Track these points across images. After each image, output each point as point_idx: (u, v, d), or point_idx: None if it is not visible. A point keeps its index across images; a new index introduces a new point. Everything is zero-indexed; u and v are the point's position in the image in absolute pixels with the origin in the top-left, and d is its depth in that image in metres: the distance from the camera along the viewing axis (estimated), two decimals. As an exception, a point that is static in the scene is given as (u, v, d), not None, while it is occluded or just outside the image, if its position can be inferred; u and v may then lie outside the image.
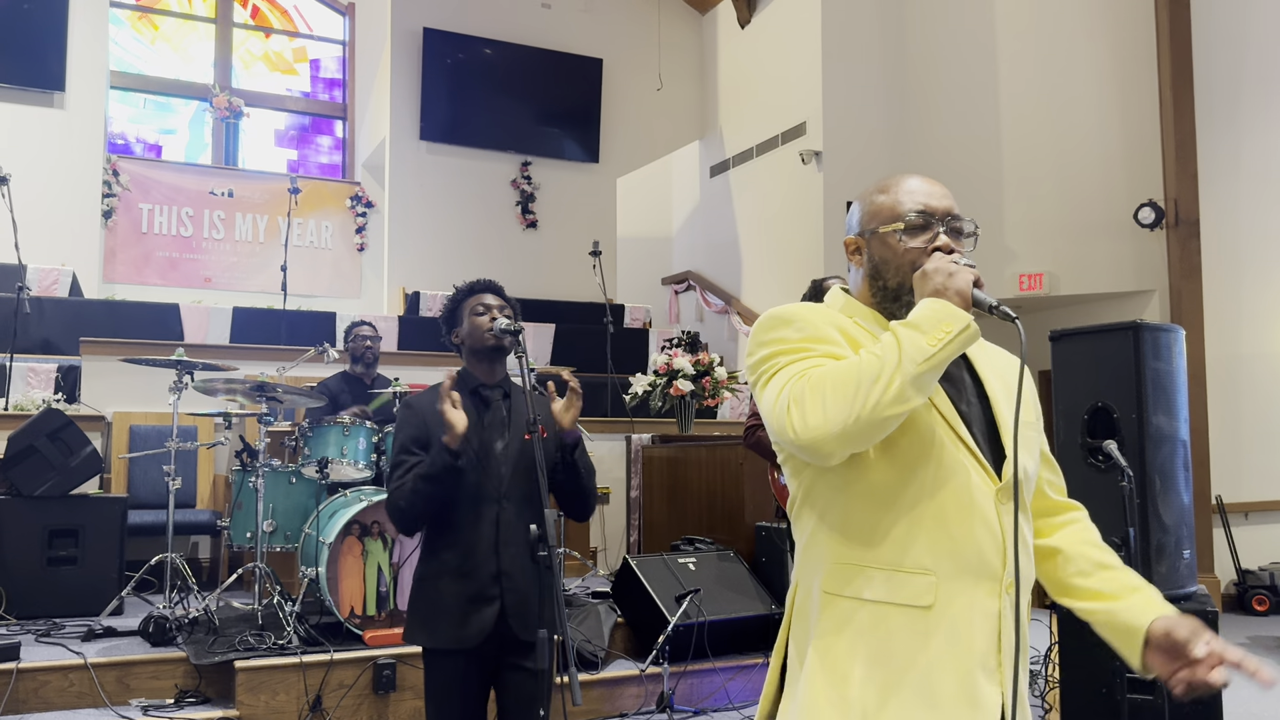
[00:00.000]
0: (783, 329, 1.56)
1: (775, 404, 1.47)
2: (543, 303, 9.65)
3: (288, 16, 11.01)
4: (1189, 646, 1.46)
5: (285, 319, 7.97)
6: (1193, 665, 1.46)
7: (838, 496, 1.53)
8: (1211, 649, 1.45)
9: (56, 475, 5.05)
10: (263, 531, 4.68)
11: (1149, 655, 1.52)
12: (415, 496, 2.52)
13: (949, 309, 1.43)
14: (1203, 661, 1.45)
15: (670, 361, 6.79)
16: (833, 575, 1.52)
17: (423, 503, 2.52)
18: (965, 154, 8.69)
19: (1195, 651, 1.45)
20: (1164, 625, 1.51)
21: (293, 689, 4.12)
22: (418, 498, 2.52)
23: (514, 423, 2.68)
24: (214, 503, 6.52)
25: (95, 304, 7.78)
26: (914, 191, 1.59)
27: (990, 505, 1.49)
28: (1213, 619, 3.51)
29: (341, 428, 4.86)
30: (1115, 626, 1.57)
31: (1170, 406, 3.72)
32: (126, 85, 10.12)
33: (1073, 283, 8.29)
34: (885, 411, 1.39)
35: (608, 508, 7.20)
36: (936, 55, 8.93)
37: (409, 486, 2.53)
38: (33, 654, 4.18)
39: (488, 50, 10.10)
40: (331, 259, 10.59)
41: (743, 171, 10.27)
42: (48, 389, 6.62)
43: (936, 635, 1.44)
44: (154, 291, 9.40)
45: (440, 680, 2.58)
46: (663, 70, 10.94)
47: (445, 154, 9.96)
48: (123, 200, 9.65)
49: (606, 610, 4.99)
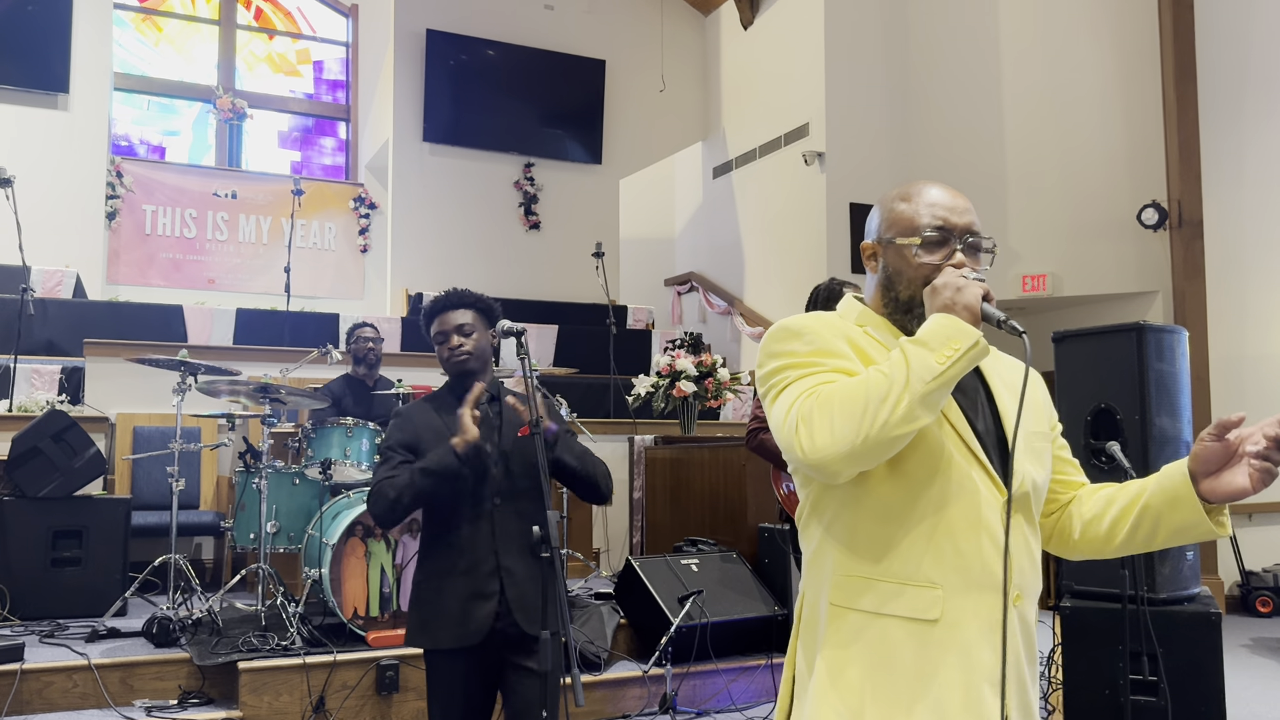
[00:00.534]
0: (793, 342, 1.55)
1: (784, 422, 1.47)
2: (545, 304, 9.66)
3: (291, 18, 11.03)
4: (1225, 433, 1.46)
5: (288, 320, 7.98)
6: (1235, 453, 1.46)
7: (845, 510, 1.53)
8: (1241, 430, 1.46)
9: (60, 476, 5.06)
10: (266, 533, 4.68)
11: (1208, 485, 1.49)
12: (410, 489, 2.52)
13: (957, 325, 1.42)
14: (1245, 439, 1.45)
15: (673, 363, 6.79)
16: (840, 588, 1.52)
17: (414, 496, 2.52)
18: (968, 155, 8.69)
19: (1232, 436, 1.46)
20: (1195, 451, 1.49)
21: (296, 690, 4.13)
22: (412, 491, 2.52)
23: (503, 424, 2.68)
24: (217, 504, 6.53)
25: (99, 305, 7.80)
26: (935, 204, 1.56)
27: (997, 518, 1.48)
28: (1216, 621, 3.51)
29: (344, 429, 4.87)
30: (1165, 508, 1.53)
31: (1173, 408, 3.72)
32: (130, 87, 10.13)
33: (1076, 284, 8.29)
34: (894, 431, 1.38)
35: (610, 509, 7.20)
36: (939, 56, 8.93)
37: (404, 479, 2.53)
38: (37, 655, 4.18)
39: (491, 52, 10.11)
40: (335, 260, 10.60)
41: (745, 172, 10.27)
42: (51, 390, 6.63)
43: (943, 649, 1.44)
44: (157, 293, 9.42)
45: (442, 681, 2.59)
46: (665, 71, 10.95)
47: (448, 155, 9.97)
48: (126, 202, 9.67)
49: (609, 611, 5.00)
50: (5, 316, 6.95)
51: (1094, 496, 1.65)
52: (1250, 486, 1.45)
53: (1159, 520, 1.54)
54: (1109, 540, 1.61)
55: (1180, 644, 3.50)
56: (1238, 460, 1.47)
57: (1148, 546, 1.58)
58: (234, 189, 10.17)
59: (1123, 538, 1.59)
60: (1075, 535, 1.66)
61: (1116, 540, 1.60)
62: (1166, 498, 1.52)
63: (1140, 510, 1.56)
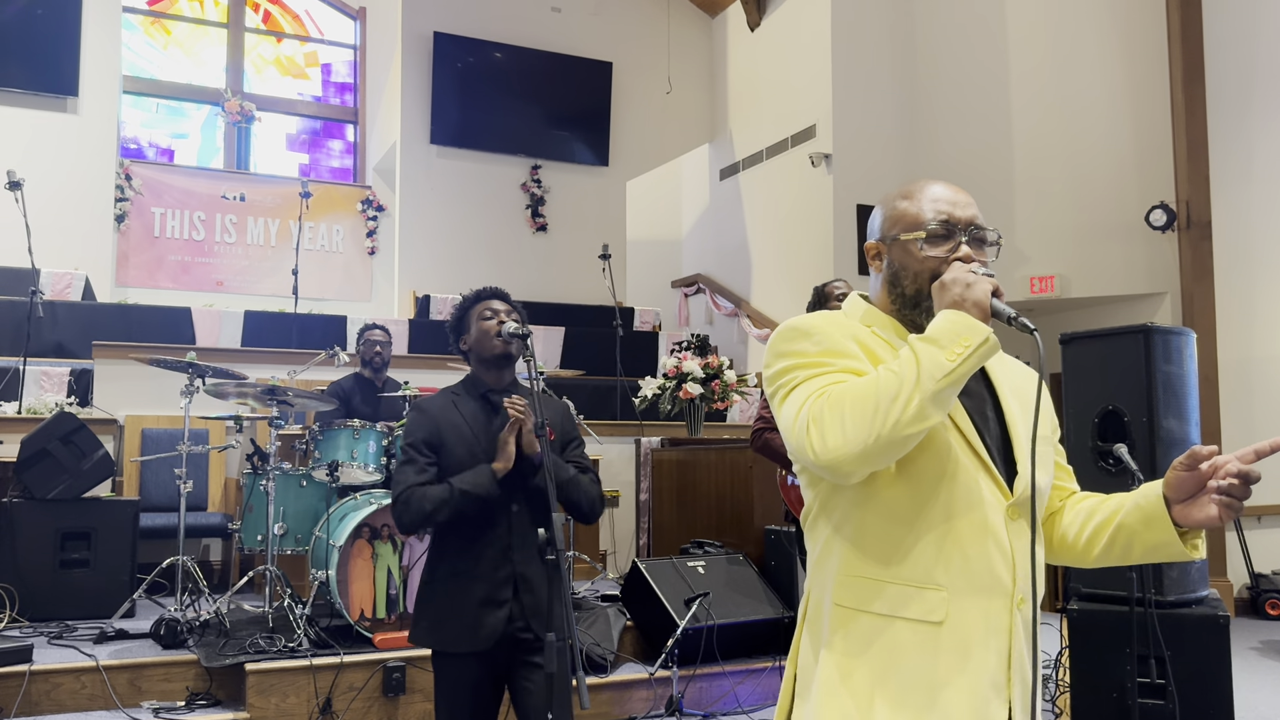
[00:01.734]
0: (801, 341, 1.54)
1: (794, 423, 1.46)
2: (552, 306, 9.67)
3: (299, 21, 11.06)
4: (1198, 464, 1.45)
5: (296, 322, 8.00)
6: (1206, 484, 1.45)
7: (853, 511, 1.52)
8: (1215, 459, 1.44)
9: (69, 478, 5.08)
10: (273, 534, 4.70)
11: (1180, 512, 1.48)
12: (448, 507, 2.52)
13: (967, 321, 1.41)
14: (1219, 469, 1.44)
15: (680, 364, 6.79)
16: (845, 588, 1.52)
17: (450, 514, 2.53)
18: (976, 156, 8.67)
19: (1204, 466, 1.44)
20: (1168, 478, 1.49)
21: (303, 691, 4.14)
22: (450, 509, 2.52)
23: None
24: (225, 506, 6.55)
25: (108, 308, 7.82)
26: (937, 199, 1.56)
27: (1002, 521, 1.48)
28: (1225, 624, 3.50)
29: (351, 431, 4.88)
30: (1140, 527, 1.53)
31: (1181, 410, 3.70)
32: (139, 90, 10.18)
33: (1084, 285, 8.27)
34: (905, 430, 1.37)
35: (617, 511, 7.20)
36: (947, 57, 8.92)
37: (441, 494, 2.53)
38: (45, 656, 4.20)
39: (498, 54, 10.12)
40: (342, 262, 10.63)
41: (752, 174, 10.26)
42: (60, 392, 6.66)
43: (947, 651, 1.44)
44: (166, 295, 9.45)
45: (450, 683, 2.59)
46: (672, 73, 10.95)
47: (456, 158, 9.98)
48: (135, 204, 9.71)
49: (615, 613, 5.00)
50: (15, 319, 6.98)
51: (1076, 507, 1.66)
52: (1218, 518, 1.45)
53: (1133, 538, 1.55)
54: (1085, 553, 1.63)
55: (1188, 647, 3.48)
56: (1209, 491, 1.46)
57: (1124, 561, 1.60)
58: (242, 191, 10.21)
59: (1099, 551, 1.61)
60: (1054, 542, 1.68)
61: (1093, 553, 1.62)
62: (1142, 517, 1.53)
63: (1116, 527, 1.57)
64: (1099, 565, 1.63)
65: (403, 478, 2.59)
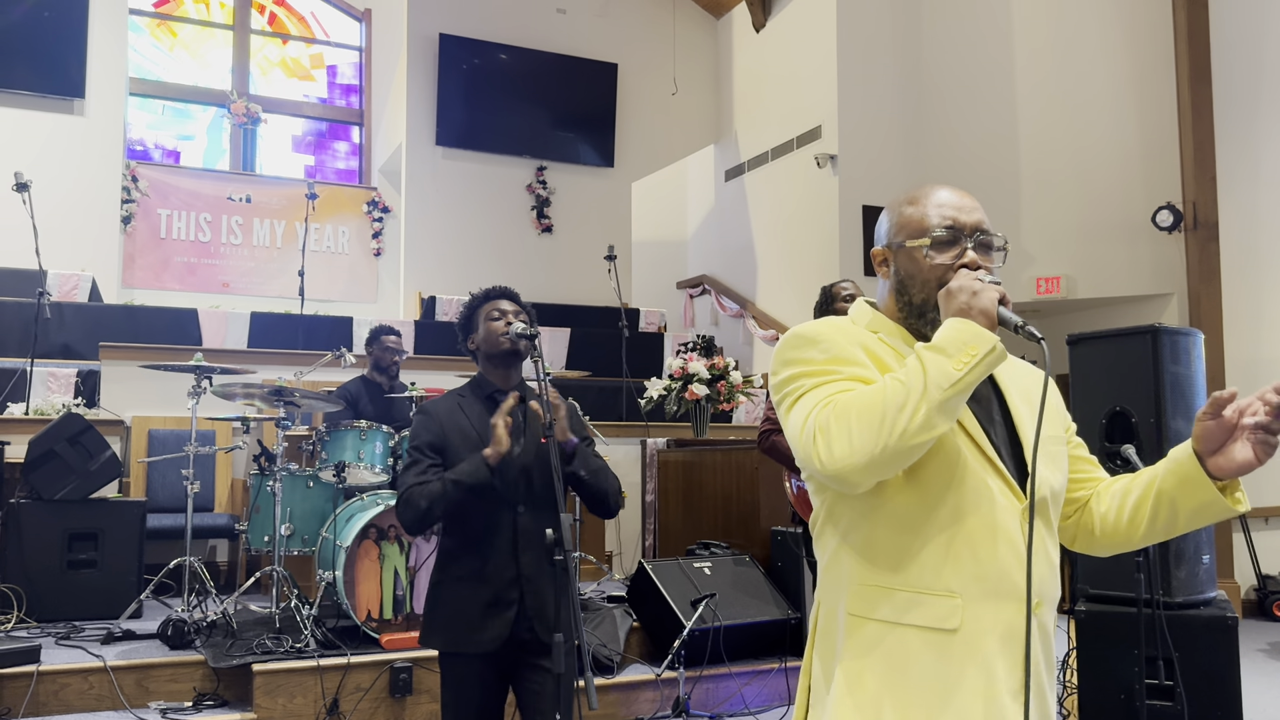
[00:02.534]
0: (808, 349, 1.53)
1: (801, 432, 1.46)
2: (558, 307, 9.66)
3: (305, 23, 11.08)
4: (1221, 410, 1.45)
5: (302, 324, 8.01)
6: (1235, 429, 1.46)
7: (861, 519, 1.51)
8: (1238, 403, 1.45)
9: (76, 479, 5.09)
10: (280, 535, 4.70)
11: (1215, 464, 1.48)
12: (443, 500, 2.52)
13: (974, 330, 1.40)
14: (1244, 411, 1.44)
15: (685, 365, 6.78)
16: (857, 597, 1.51)
17: (445, 507, 2.53)
18: (982, 157, 8.66)
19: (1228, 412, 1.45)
20: (1195, 431, 1.49)
21: (310, 692, 4.14)
22: (444, 501, 2.52)
23: (530, 427, 2.68)
24: (232, 506, 6.56)
25: (114, 309, 7.84)
26: (943, 205, 1.56)
27: (1015, 525, 1.47)
28: (1233, 625, 3.49)
29: (358, 432, 4.88)
30: (1179, 492, 1.51)
31: (1189, 411, 3.70)
32: (145, 92, 10.20)
33: (1090, 286, 8.25)
34: (912, 440, 1.36)
35: (623, 512, 7.20)
36: (952, 58, 8.91)
37: (436, 489, 2.53)
38: (53, 657, 4.21)
39: (503, 55, 10.13)
40: (348, 264, 10.64)
41: (758, 175, 10.26)
42: (67, 394, 6.67)
43: (962, 659, 1.43)
44: (172, 296, 9.47)
45: (456, 683, 2.59)
46: (678, 74, 10.95)
47: (461, 159, 9.99)
48: (141, 206, 9.73)
49: (622, 614, 5.00)
50: (22, 320, 6.99)
51: (1109, 491, 1.64)
52: (1255, 458, 1.44)
53: (1175, 504, 1.53)
54: (1131, 533, 1.60)
55: (1196, 648, 3.48)
56: (1240, 433, 1.46)
57: (1170, 533, 1.56)
58: (248, 193, 10.22)
59: (1144, 528, 1.58)
60: (1097, 532, 1.65)
61: (1139, 532, 1.59)
62: (1178, 480, 1.51)
63: (1156, 497, 1.55)
64: (1146, 544, 1.60)
65: (406, 479, 2.62)
